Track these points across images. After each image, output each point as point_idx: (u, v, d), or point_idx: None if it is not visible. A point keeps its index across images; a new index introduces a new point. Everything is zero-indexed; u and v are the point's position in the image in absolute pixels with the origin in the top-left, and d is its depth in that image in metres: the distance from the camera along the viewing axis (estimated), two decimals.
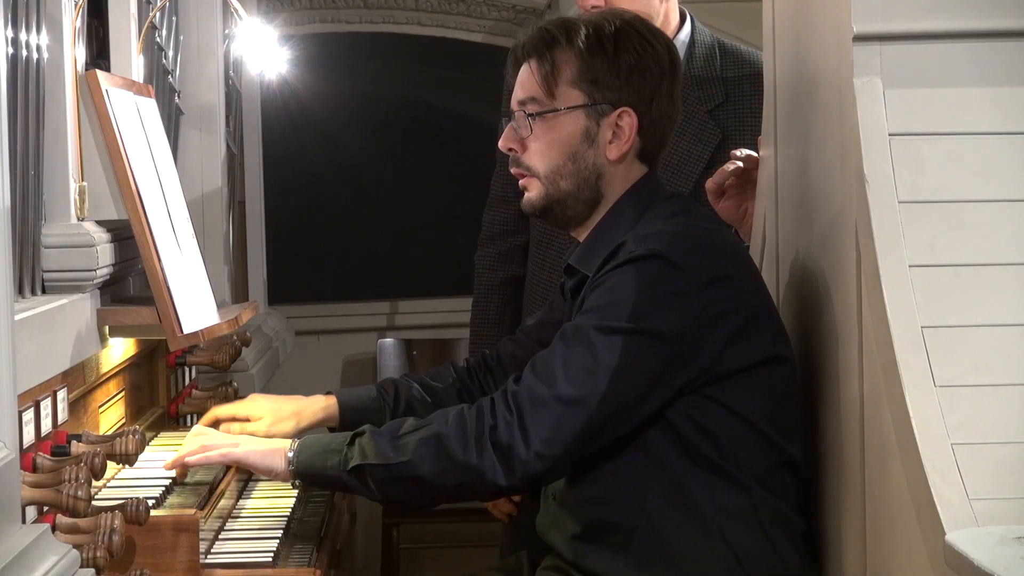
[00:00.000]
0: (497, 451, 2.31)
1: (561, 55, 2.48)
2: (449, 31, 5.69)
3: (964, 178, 2.18)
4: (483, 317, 3.46)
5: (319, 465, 2.43)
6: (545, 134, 2.49)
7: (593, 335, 2.33)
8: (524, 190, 2.54)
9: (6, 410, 1.95)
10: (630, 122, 2.47)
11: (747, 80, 3.25)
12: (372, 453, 2.37)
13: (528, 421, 2.31)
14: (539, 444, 2.30)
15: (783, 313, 2.71)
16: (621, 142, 2.48)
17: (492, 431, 2.31)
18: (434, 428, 2.36)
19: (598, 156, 2.49)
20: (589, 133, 2.48)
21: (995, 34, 2.24)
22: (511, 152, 2.54)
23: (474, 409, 2.35)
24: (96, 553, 2.09)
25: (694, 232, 2.43)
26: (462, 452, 2.32)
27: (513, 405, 2.32)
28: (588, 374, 2.31)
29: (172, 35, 3.64)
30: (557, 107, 2.48)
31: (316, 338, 5.57)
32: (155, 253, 2.69)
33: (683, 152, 3.22)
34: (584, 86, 2.47)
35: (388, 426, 2.42)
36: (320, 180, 5.70)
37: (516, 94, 2.54)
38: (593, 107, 2.47)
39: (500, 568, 2.79)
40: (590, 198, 2.50)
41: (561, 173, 2.49)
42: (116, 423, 2.89)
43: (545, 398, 2.31)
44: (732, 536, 2.36)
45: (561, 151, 2.49)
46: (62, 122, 2.64)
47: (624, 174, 2.51)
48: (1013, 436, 1.99)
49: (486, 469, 2.31)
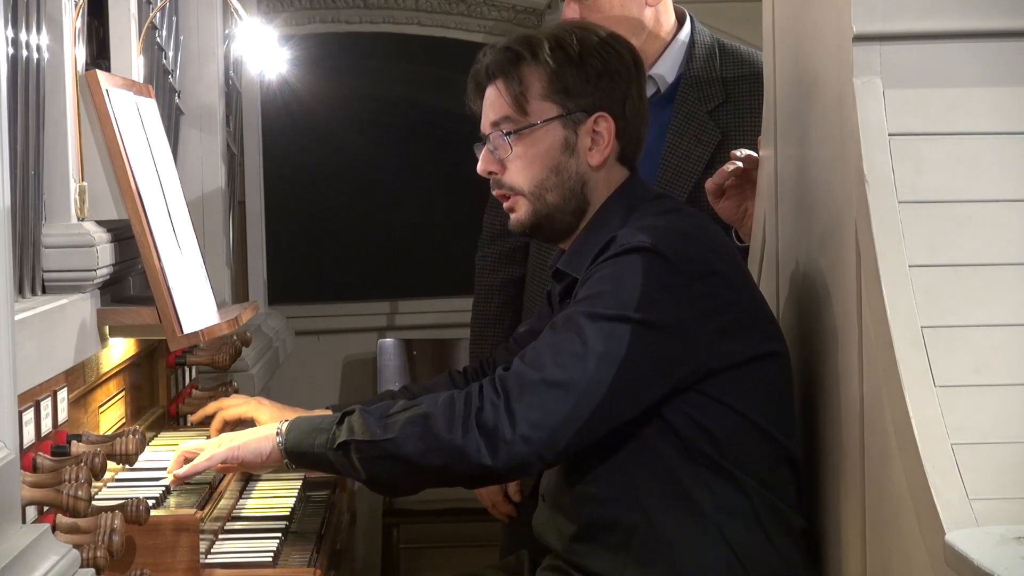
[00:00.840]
0: (482, 432, 2.29)
1: (528, 70, 2.49)
2: (449, 31, 5.69)
3: (964, 178, 2.18)
4: (483, 318, 3.46)
5: (307, 443, 2.41)
6: (525, 150, 2.49)
7: (582, 321, 2.32)
8: (511, 211, 2.54)
9: (6, 410, 1.95)
10: (607, 126, 2.48)
11: (747, 80, 3.24)
12: (360, 430, 2.36)
13: (515, 403, 2.30)
14: (525, 427, 2.29)
15: (783, 313, 2.71)
16: (601, 147, 2.49)
17: (478, 412, 2.30)
18: (422, 408, 2.35)
19: (580, 164, 2.49)
20: (568, 143, 2.48)
21: (995, 34, 2.24)
22: (491, 175, 2.54)
23: (463, 393, 2.35)
24: (96, 553, 2.09)
25: (685, 228, 2.44)
26: (447, 432, 2.30)
27: (500, 388, 2.32)
28: (576, 359, 2.31)
29: (172, 35, 3.64)
30: (533, 121, 2.48)
31: (316, 338, 5.57)
32: (155, 253, 2.69)
33: (683, 153, 3.21)
34: (556, 97, 2.48)
35: (378, 406, 2.41)
36: (320, 180, 5.70)
37: (487, 116, 2.54)
38: (568, 116, 2.48)
39: (501, 567, 2.79)
40: (576, 208, 2.51)
41: (546, 187, 2.49)
42: (116, 423, 2.89)
43: (532, 381, 2.31)
44: (731, 534, 2.36)
45: (543, 164, 2.49)
46: (62, 122, 2.64)
47: (606, 179, 2.52)
48: (1013, 436, 1.99)
49: (470, 450, 2.30)
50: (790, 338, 2.55)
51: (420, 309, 5.68)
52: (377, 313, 5.68)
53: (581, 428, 2.32)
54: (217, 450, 2.48)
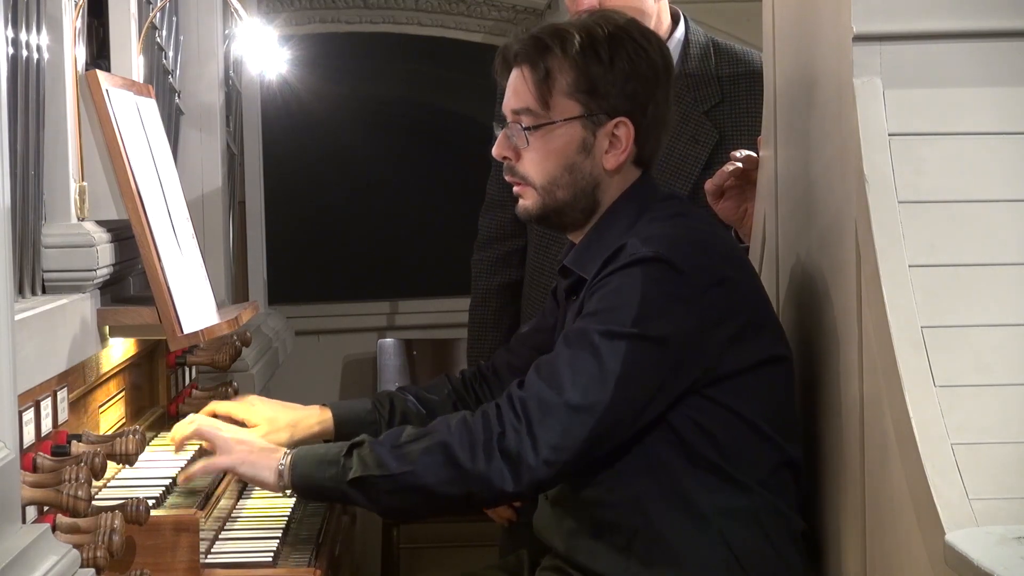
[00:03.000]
0: (505, 458, 2.29)
1: (555, 63, 2.44)
2: (449, 31, 5.69)
3: (964, 178, 2.18)
4: (481, 322, 3.45)
5: (316, 477, 2.40)
6: (541, 145, 2.46)
7: (598, 340, 2.31)
8: (519, 197, 2.52)
9: (6, 410, 1.95)
10: (627, 132, 2.45)
11: (743, 79, 3.24)
12: (373, 464, 2.34)
13: (537, 428, 2.29)
14: (548, 451, 2.29)
15: (783, 313, 2.71)
16: (618, 152, 2.46)
17: (500, 438, 2.29)
18: (438, 436, 2.33)
19: (595, 166, 2.47)
20: (586, 144, 2.46)
21: (995, 34, 2.24)
22: (505, 160, 2.51)
23: (479, 416, 2.33)
24: (96, 553, 2.09)
25: (694, 235, 2.43)
26: (470, 460, 2.29)
27: (521, 412, 2.30)
28: (595, 381, 2.30)
29: (172, 35, 3.64)
30: (553, 119, 2.45)
31: (316, 338, 5.57)
32: (155, 253, 2.69)
33: (680, 153, 3.21)
34: (580, 96, 2.44)
35: (387, 435, 2.40)
36: (320, 180, 5.70)
37: (509, 101, 2.50)
38: (590, 118, 2.45)
39: (501, 566, 2.78)
40: (587, 206, 2.49)
41: (558, 184, 2.47)
42: (116, 423, 2.89)
43: (554, 404, 2.30)
44: (732, 537, 2.36)
45: (557, 162, 2.46)
46: (62, 122, 2.64)
47: (620, 180, 2.50)
48: (1013, 436, 1.99)
49: (494, 476, 2.29)
50: (790, 338, 2.54)
51: (420, 309, 5.68)
52: (377, 313, 5.68)
53: (597, 446, 2.33)
54: (219, 461, 2.48)
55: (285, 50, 3.70)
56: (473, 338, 3.47)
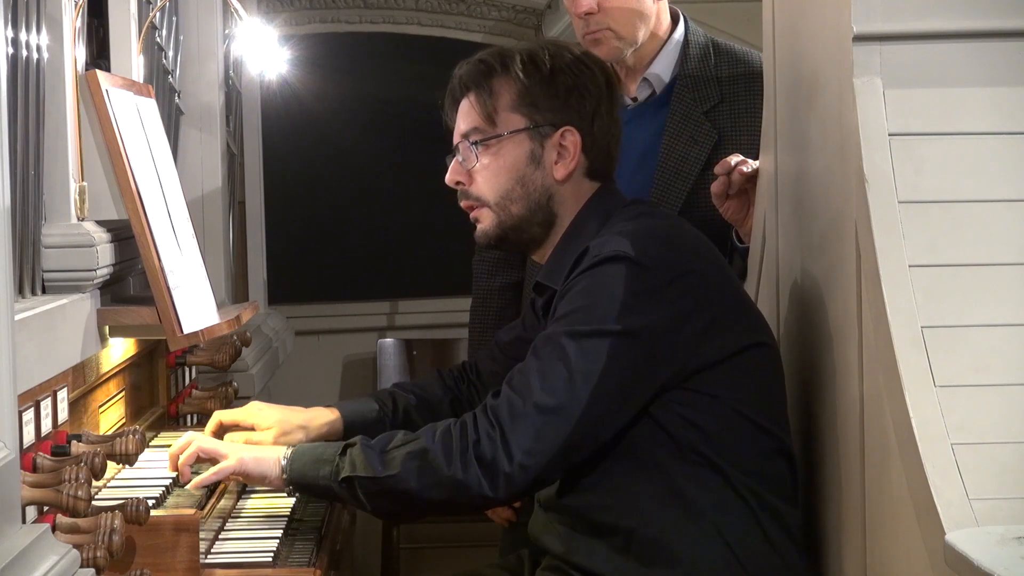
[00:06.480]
0: (481, 466, 2.33)
1: (499, 83, 2.53)
2: (449, 31, 5.70)
3: (964, 178, 2.18)
4: (481, 322, 3.46)
5: (311, 475, 2.47)
6: (491, 161, 2.53)
7: (565, 342, 2.34)
8: (476, 222, 2.58)
9: (6, 410, 1.95)
10: (573, 140, 2.51)
11: (742, 79, 3.24)
12: (361, 466, 2.40)
13: (509, 434, 2.33)
14: (521, 456, 2.32)
15: (783, 313, 2.71)
16: (567, 161, 2.52)
17: (475, 446, 2.34)
18: (421, 443, 2.39)
19: (546, 177, 2.52)
20: (534, 155, 2.52)
21: (995, 34, 2.24)
22: (459, 186, 2.57)
23: (458, 425, 2.38)
24: (96, 553, 2.09)
25: (656, 230, 2.45)
26: (447, 467, 2.34)
27: (494, 419, 2.35)
28: (564, 382, 2.33)
29: (172, 35, 3.64)
30: (500, 133, 2.52)
31: (316, 338, 5.57)
32: (155, 253, 2.69)
33: (680, 154, 3.21)
34: (524, 109, 2.52)
35: (379, 439, 2.45)
36: (320, 180, 5.70)
37: (458, 128, 2.57)
38: (535, 129, 2.51)
39: (502, 565, 2.79)
40: (544, 220, 2.54)
41: (511, 198, 2.53)
42: (116, 423, 2.89)
43: (523, 410, 2.33)
44: (729, 533, 2.36)
45: (509, 176, 2.52)
46: (62, 122, 2.64)
47: (575, 193, 2.54)
48: (1013, 436, 1.99)
49: (471, 484, 2.34)
50: (790, 338, 2.55)
51: (420, 309, 5.68)
52: (377, 313, 5.68)
53: (576, 447, 2.35)
54: (227, 464, 2.52)
55: (285, 50, 3.70)
56: (474, 338, 3.47)
